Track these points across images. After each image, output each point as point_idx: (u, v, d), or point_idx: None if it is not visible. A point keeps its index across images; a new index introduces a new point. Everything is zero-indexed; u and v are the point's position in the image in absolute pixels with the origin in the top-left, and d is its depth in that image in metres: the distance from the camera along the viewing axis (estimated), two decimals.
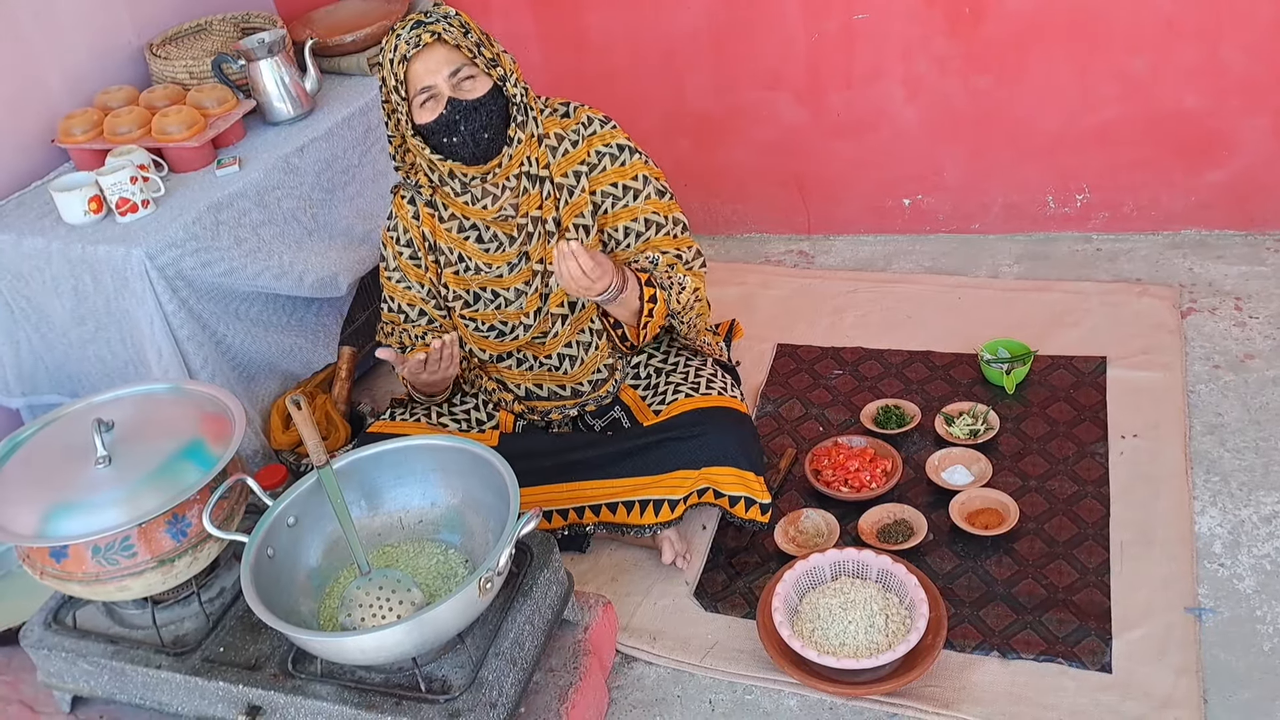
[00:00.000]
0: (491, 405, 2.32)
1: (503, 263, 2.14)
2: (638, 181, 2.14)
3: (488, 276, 2.16)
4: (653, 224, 2.14)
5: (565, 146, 2.12)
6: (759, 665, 2.02)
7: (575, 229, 2.13)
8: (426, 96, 1.99)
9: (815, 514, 2.28)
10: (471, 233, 2.13)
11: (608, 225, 2.15)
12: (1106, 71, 2.80)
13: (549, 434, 2.31)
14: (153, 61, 2.75)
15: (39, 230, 2.40)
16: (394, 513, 1.93)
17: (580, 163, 2.12)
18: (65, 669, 1.96)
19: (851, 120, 3.05)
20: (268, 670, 1.81)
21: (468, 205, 2.10)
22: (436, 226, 2.15)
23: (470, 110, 1.99)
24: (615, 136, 2.15)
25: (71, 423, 1.94)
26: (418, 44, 1.95)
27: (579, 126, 2.13)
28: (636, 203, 2.14)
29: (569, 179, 2.12)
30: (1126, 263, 2.91)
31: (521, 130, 2.06)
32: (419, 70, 1.97)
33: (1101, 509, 2.21)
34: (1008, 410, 2.48)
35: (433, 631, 1.63)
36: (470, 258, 2.15)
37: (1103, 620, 1.99)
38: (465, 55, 1.98)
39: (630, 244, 2.14)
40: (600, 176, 2.13)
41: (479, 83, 2.00)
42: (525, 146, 2.07)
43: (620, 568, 2.28)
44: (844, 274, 3.08)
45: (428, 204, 2.15)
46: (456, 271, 2.17)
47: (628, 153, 2.14)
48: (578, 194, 2.12)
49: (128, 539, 1.79)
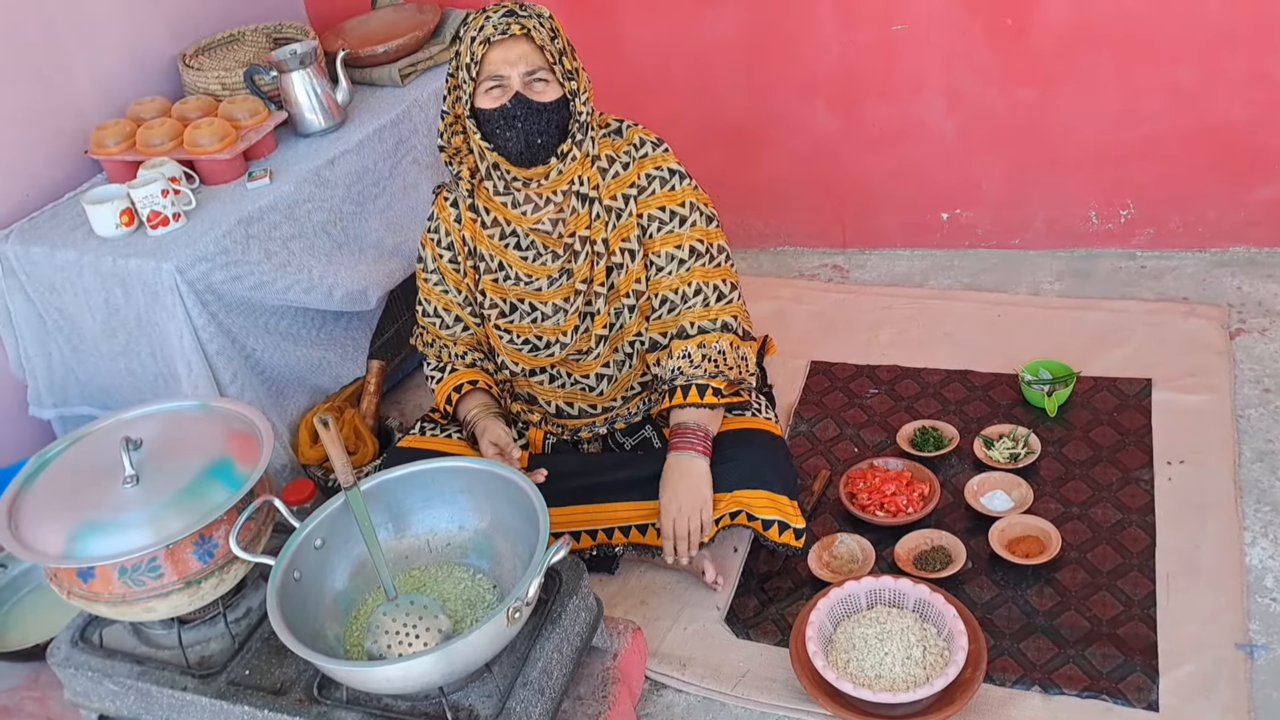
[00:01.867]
0: (521, 424, 2.29)
1: (543, 275, 2.12)
2: (685, 208, 2.10)
3: (526, 288, 2.13)
4: (696, 252, 2.11)
5: (616, 169, 2.09)
6: (791, 695, 1.98)
7: (622, 253, 2.10)
8: (495, 84, 1.97)
9: (850, 539, 2.24)
10: (511, 239, 2.11)
11: (651, 250, 2.11)
12: (1152, 83, 2.73)
13: (579, 453, 2.28)
14: (185, 72, 2.74)
15: (71, 242, 2.39)
16: (421, 535, 1.90)
17: (630, 185, 2.09)
18: (91, 688, 1.94)
19: (889, 132, 3.00)
20: (293, 695, 1.78)
21: (507, 208, 2.08)
22: (478, 231, 2.13)
23: (534, 111, 1.97)
24: (666, 160, 2.11)
25: (99, 440, 1.92)
26: (505, 31, 1.94)
27: (630, 148, 2.10)
28: (682, 229, 2.10)
29: (617, 201, 2.09)
30: (1172, 281, 2.84)
31: (577, 149, 2.03)
32: (497, 57, 1.95)
33: (1147, 538, 2.15)
34: (1049, 433, 2.42)
35: (461, 661, 1.60)
36: (510, 266, 2.13)
37: (1149, 655, 1.93)
38: (546, 59, 1.97)
39: (672, 271, 2.11)
40: (648, 200, 2.10)
41: (550, 89, 1.98)
42: (578, 165, 2.05)
43: (649, 590, 2.25)
44: (880, 289, 3.03)
45: (470, 208, 2.12)
46: (496, 279, 2.15)
47: (677, 178, 2.11)
48: (626, 217, 2.09)
49: (155, 560, 1.77)
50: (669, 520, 2.06)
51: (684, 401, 2.07)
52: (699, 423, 2.08)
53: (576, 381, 2.21)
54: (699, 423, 2.08)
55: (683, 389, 2.07)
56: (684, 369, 2.08)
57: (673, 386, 2.09)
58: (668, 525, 2.06)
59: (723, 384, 2.08)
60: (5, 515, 1.81)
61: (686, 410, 2.09)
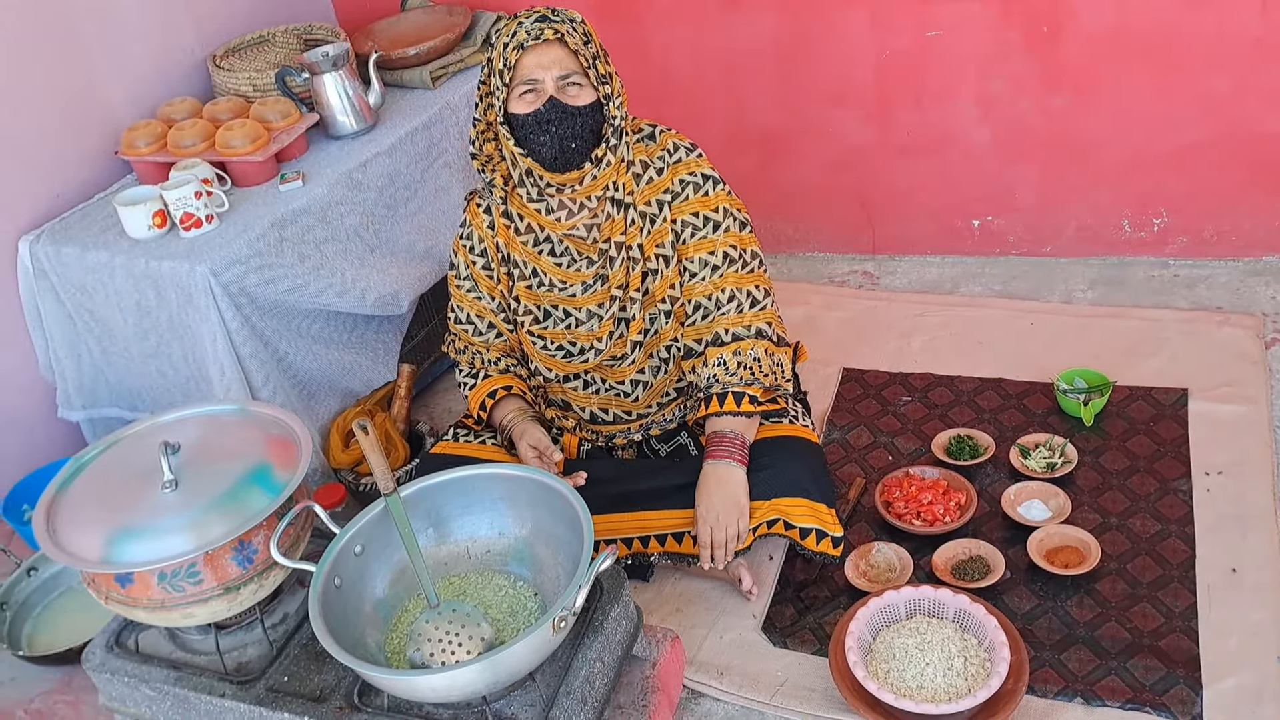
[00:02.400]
0: (555, 430, 2.27)
1: (577, 281, 2.11)
2: (718, 213, 2.09)
3: (560, 294, 2.12)
4: (729, 258, 2.10)
5: (650, 174, 2.08)
6: (831, 705, 1.96)
7: (656, 258, 2.09)
8: (528, 89, 1.96)
9: (887, 547, 2.22)
10: (545, 245, 2.10)
11: (685, 256, 2.10)
12: (1188, 92, 2.71)
13: (614, 460, 2.26)
14: (215, 73, 2.73)
15: (103, 244, 2.38)
16: (461, 542, 1.89)
17: (664, 191, 2.08)
18: (127, 693, 1.93)
19: (920, 138, 2.98)
20: (333, 703, 1.77)
21: (541, 214, 2.07)
22: (512, 238, 2.12)
23: (567, 115, 1.96)
24: (700, 166, 2.10)
25: (137, 443, 1.91)
26: (538, 36, 1.93)
27: (664, 153, 2.09)
28: (715, 235, 2.09)
29: (651, 207, 2.08)
30: (1205, 290, 2.82)
31: (612, 154, 2.02)
32: (530, 62, 1.94)
33: (1186, 549, 2.13)
34: (1085, 443, 2.41)
35: (505, 671, 1.59)
36: (545, 273, 2.12)
37: (1191, 668, 1.92)
38: (580, 63, 1.96)
39: (705, 277, 2.10)
40: (682, 205, 2.08)
41: (584, 93, 1.97)
42: (612, 171, 2.03)
43: (685, 598, 2.23)
44: (911, 296, 3.01)
45: (504, 214, 2.11)
46: (529, 286, 2.14)
47: (711, 183, 2.10)
48: (660, 223, 2.08)
49: (194, 566, 1.76)
50: (705, 528, 2.04)
51: (720, 410, 2.06)
52: (735, 430, 2.07)
53: (611, 388, 2.20)
54: (735, 430, 2.07)
55: (719, 397, 2.06)
56: (719, 376, 2.07)
57: (709, 394, 2.08)
58: (704, 533, 2.04)
59: (759, 391, 2.07)
60: (43, 519, 1.80)
61: (723, 418, 2.07)
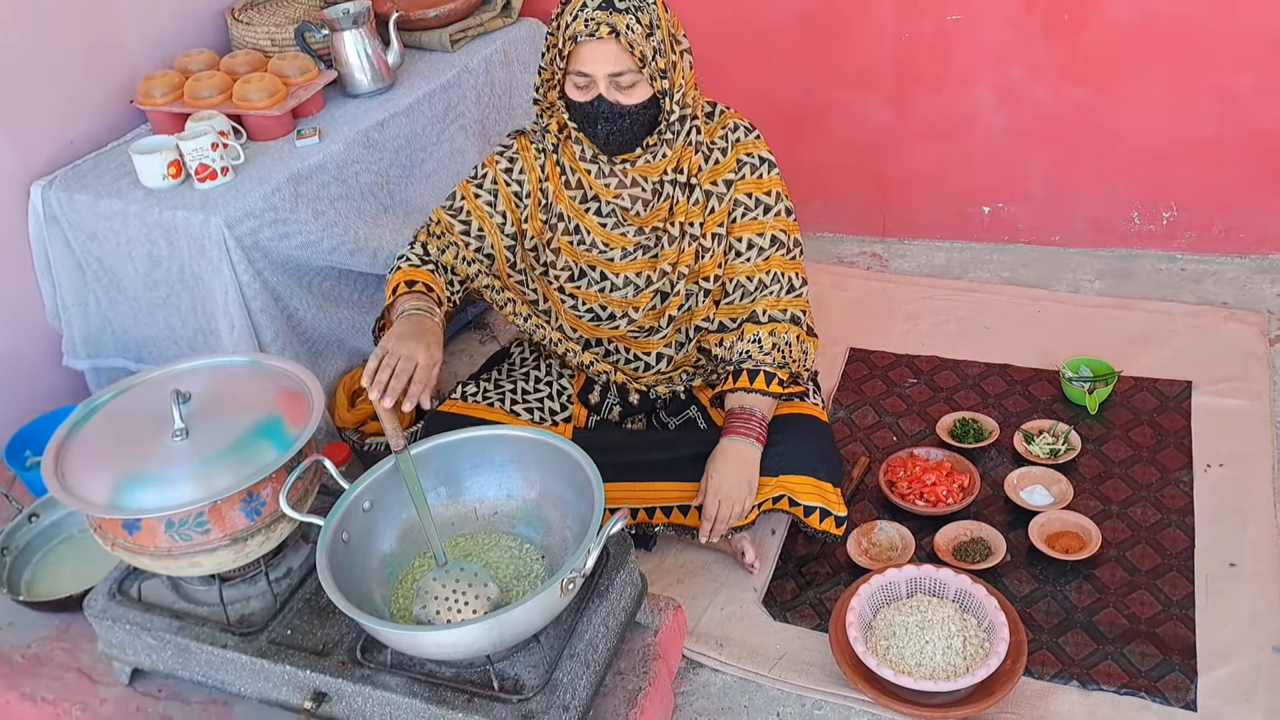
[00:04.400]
0: (565, 397, 2.27)
1: (618, 245, 2.10)
2: (771, 197, 2.09)
3: (599, 256, 2.11)
4: (778, 242, 2.10)
5: (716, 155, 2.07)
6: (829, 680, 1.97)
7: (711, 238, 2.09)
8: (582, 79, 1.92)
9: (889, 526, 2.23)
10: (592, 204, 2.08)
11: (732, 234, 2.09)
12: (1207, 88, 2.71)
13: (622, 430, 2.26)
14: (234, 26, 2.71)
15: (116, 192, 2.37)
16: (469, 502, 1.89)
17: (731, 171, 2.07)
18: (128, 641, 1.93)
19: (938, 123, 2.98)
20: (336, 657, 1.77)
21: (591, 175, 2.06)
22: (559, 189, 2.09)
23: (615, 115, 1.93)
24: (758, 148, 2.09)
25: (148, 391, 1.90)
26: (594, 33, 1.86)
27: (725, 132, 2.08)
28: (766, 217, 2.09)
29: (719, 187, 2.08)
30: (1212, 285, 2.83)
31: (667, 146, 2.00)
32: (584, 55, 1.89)
33: (1186, 539, 2.15)
34: (1089, 431, 2.42)
35: (512, 631, 1.59)
36: (588, 231, 2.10)
37: (1187, 655, 1.93)
38: (636, 60, 1.88)
39: (751, 258, 2.09)
40: (740, 184, 2.08)
41: (638, 90, 1.92)
42: (674, 157, 2.02)
43: (686, 569, 2.24)
44: (919, 279, 3.02)
45: (556, 163, 2.08)
46: (571, 241, 2.12)
47: (766, 166, 2.09)
48: (723, 203, 2.08)
49: (201, 515, 1.75)
50: (713, 500, 2.05)
51: (750, 386, 2.07)
52: (758, 409, 2.07)
53: (633, 359, 2.19)
54: (758, 409, 2.07)
55: (750, 373, 2.07)
56: (753, 353, 2.08)
57: (739, 369, 2.08)
58: (711, 506, 2.05)
59: (785, 374, 2.08)
60: (52, 461, 1.79)
61: (752, 396, 2.08)
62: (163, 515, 1.73)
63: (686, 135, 2.02)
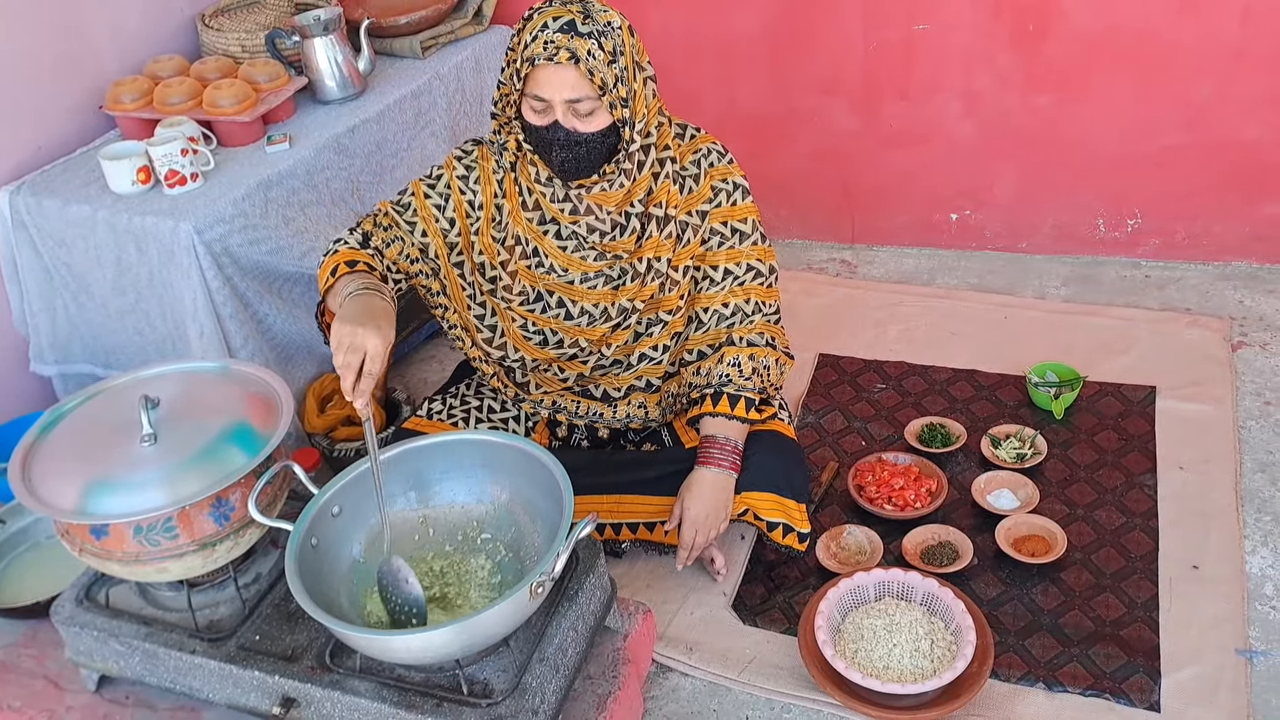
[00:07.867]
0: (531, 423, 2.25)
1: (578, 270, 2.04)
2: (746, 225, 2.06)
3: (559, 280, 2.05)
4: (755, 270, 2.07)
5: (689, 183, 2.03)
6: (798, 683, 1.99)
7: (682, 270, 2.06)
8: (539, 105, 1.85)
9: (858, 530, 2.25)
10: (551, 226, 2.02)
11: (707, 262, 2.07)
12: (1169, 97, 2.76)
13: (587, 450, 2.25)
14: (204, 32, 2.71)
15: (84, 198, 2.36)
16: (439, 507, 1.89)
17: (705, 201, 2.04)
18: (96, 648, 1.92)
19: (905, 131, 3.01)
20: (305, 662, 1.77)
21: (546, 198, 1.99)
22: (517, 210, 2.02)
23: (571, 142, 1.86)
24: (732, 173, 2.05)
25: (117, 397, 1.89)
26: (553, 57, 1.78)
27: (698, 157, 2.03)
28: (743, 246, 2.06)
29: (693, 218, 2.04)
30: (1176, 291, 2.87)
31: (625, 176, 1.95)
32: (542, 79, 1.82)
33: (1150, 542, 2.18)
34: (1055, 435, 2.45)
35: (482, 634, 1.60)
36: (547, 255, 2.04)
37: (1151, 657, 1.96)
38: (596, 87, 1.81)
39: (726, 285, 2.07)
40: (715, 213, 2.05)
41: (597, 118, 1.85)
42: (636, 187, 1.97)
43: (655, 574, 2.25)
44: (888, 286, 3.05)
45: (514, 181, 2.01)
46: (529, 266, 2.05)
47: (741, 192, 2.05)
48: (699, 234, 2.05)
49: (170, 520, 1.75)
50: (690, 530, 2.07)
51: (730, 412, 2.04)
52: (734, 438, 2.07)
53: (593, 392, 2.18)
54: (734, 438, 2.07)
55: (730, 398, 2.05)
56: (733, 377, 2.05)
57: (719, 391, 2.05)
58: (689, 534, 2.07)
59: (759, 398, 2.08)
60: (19, 467, 1.78)
61: (730, 423, 2.06)
62: (131, 520, 1.73)
63: (655, 166, 1.97)
